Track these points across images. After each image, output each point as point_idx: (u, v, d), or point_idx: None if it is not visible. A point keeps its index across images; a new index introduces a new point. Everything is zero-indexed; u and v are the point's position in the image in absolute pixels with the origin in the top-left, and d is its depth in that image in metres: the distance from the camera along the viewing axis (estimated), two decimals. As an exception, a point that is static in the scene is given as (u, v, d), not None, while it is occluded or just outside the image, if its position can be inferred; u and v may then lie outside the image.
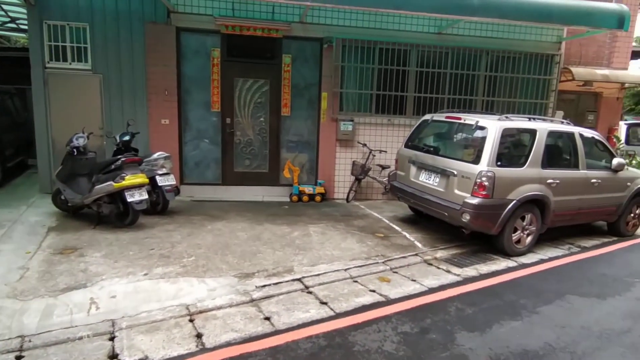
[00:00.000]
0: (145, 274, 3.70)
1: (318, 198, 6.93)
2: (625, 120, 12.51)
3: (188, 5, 6.32)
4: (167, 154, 5.59)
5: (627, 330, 3.26)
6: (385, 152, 7.11)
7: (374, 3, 5.58)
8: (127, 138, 5.62)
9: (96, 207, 4.91)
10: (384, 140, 7.21)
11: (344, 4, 5.58)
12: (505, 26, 7.10)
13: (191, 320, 3.01)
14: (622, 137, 9.51)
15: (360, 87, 7.07)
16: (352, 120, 7.00)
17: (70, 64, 6.22)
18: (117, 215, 4.92)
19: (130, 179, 4.75)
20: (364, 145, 7.03)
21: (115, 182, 4.69)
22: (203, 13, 6.36)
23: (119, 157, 4.90)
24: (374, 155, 7.03)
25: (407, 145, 5.71)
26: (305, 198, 6.88)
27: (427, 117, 5.63)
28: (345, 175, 7.20)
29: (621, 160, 5.47)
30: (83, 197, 4.92)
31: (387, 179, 6.53)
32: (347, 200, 7.10)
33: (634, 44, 11.91)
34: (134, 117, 6.16)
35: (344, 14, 6.67)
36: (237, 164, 7.06)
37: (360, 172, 6.90)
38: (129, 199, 4.74)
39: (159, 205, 5.54)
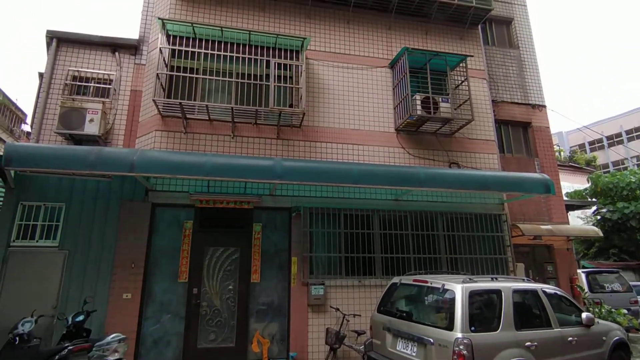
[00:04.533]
0: None
1: (290, 375, 6.23)
2: (583, 267, 13.19)
3: (166, 184, 6.86)
4: (122, 336, 5.09)
5: None
6: (360, 315, 6.87)
7: (335, 179, 6.30)
8: (80, 318, 5.22)
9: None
10: (356, 303, 7.05)
11: (309, 181, 6.26)
12: (453, 192, 8.04)
13: None
14: (585, 286, 9.83)
15: (329, 251, 7.29)
16: (323, 284, 6.95)
17: (37, 241, 6.18)
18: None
19: (74, 371, 4.17)
20: (337, 309, 6.81)
21: (55, 377, 4.08)
22: (179, 190, 6.87)
23: (67, 345, 4.40)
24: (348, 320, 6.75)
25: (379, 310, 5.58)
26: (276, 376, 6.17)
27: (396, 280, 5.71)
28: (319, 344, 6.69)
29: (590, 315, 5.51)
30: (11, 399, 4.17)
31: (363, 346, 6.11)
32: (323, 375, 6.41)
33: (565, 198, 13.64)
34: (93, 294, 5.88)
35: (310, 187, 7.40)
36: (200, 338, 6.48)
37: (334, 340, 6.46)
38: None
39: (102, 400, 4.75)
